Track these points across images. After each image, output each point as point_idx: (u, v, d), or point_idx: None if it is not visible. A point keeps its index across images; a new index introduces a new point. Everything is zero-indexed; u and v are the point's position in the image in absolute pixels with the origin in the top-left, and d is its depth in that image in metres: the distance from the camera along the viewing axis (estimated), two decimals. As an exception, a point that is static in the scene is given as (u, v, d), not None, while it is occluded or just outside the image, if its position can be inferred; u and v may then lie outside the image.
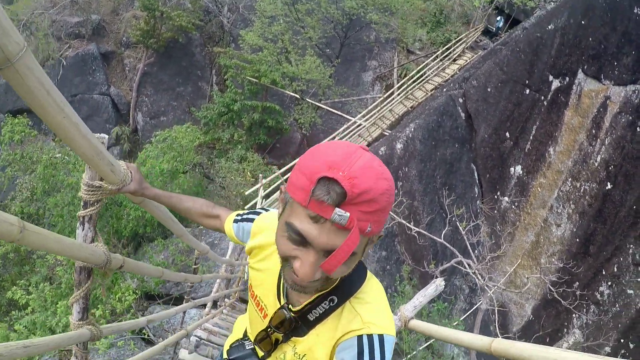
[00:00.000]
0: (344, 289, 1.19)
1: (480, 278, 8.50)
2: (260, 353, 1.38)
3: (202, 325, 5.20)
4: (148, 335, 8.96)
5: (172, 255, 11.42)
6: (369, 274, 1.27)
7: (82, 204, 1.42)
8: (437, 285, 2.66)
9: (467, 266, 8.58)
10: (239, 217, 1.59)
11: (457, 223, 10.03)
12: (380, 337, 1.11)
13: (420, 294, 2.63)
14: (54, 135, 18.61)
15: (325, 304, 1.19)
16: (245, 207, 13.86)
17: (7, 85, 19.25)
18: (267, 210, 1.54)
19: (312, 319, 1.21)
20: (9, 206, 13.08)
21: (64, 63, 18.36)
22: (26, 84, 0.86)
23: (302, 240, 1.00)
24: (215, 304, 7.21)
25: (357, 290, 1.20)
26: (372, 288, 1.24)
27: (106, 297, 9.09)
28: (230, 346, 1.50)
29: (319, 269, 1.01)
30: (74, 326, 1.62)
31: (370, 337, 1.11)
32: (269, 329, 1.29)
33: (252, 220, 1.52)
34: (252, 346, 1.44)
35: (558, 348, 1.24)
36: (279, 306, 1.28)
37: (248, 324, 1.52)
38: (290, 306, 1.25)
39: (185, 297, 4.35)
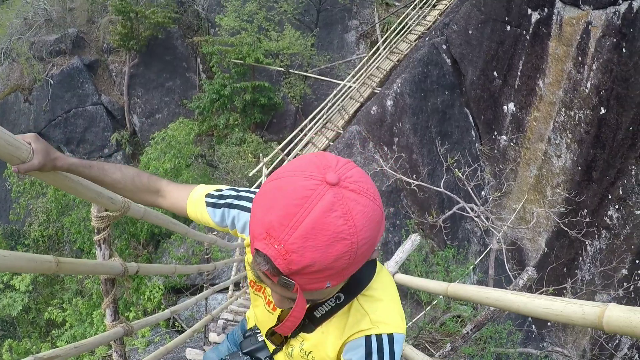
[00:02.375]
0: (350, 286, 1.13)
1: (484, 220, 8.78)
2: (271, 347, 1.37)
3: (228, 307, 5.58)
4: (181, 327, 9.42)
5: (191, 247, 11.83)
6: (379, 266, 1.20)
7: (95, 231, 1.73)
8: (412, 240, 2.97)
9: (469, 211, 8.86)
10: (220, 200, 1.35)
11: (455, 170, 10.27)
12: (390, 336, 1.08)
13: (399, 250, 2.93)
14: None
15: (331, 301, 1.14)
16: (253, 187, 14.19)
17: (3, 116, 19.60)
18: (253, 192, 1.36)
19: (318, 316, 1.17)
20: (28, 232, 13.55)
21: (52, 82, 18.56)
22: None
23: None
24: (237, 286, 7.58)
25: (366, 287, 1.14)
26: (382, 283, 1.18)
27: (135, 298, 9.55)
28: (244, 337, 1.49)
29: (286, 299, 0.97)
30: (109, 326, 1.97)
31: (379, 337, 1.08)
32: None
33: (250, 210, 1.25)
34: (263, 338, 1.42)
35: (499, 289, 1.52)
36: None
37: (255, 317, 1.48)
38: None
39: (204, 285, 4.66)
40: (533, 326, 11.74)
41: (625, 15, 10.02)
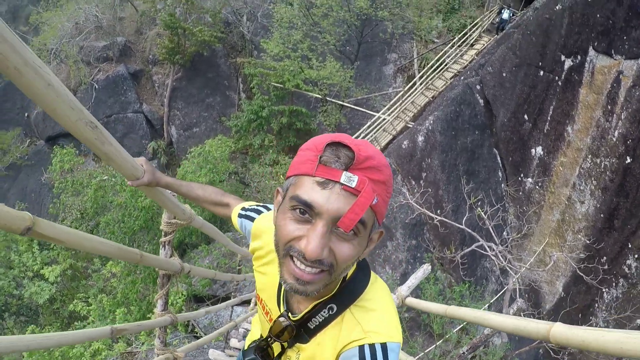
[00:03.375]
0: (343, 297, 1.17)
1: (502, 260, 8.96)
2: (277, 350, 1.33)
3: (248, 319, 5.94)
4: (199, 334, 9.78)
5: (216, 259, 12.24)
6: (373, 277, 1.24)
7: (162, 233, 2.13)
8: (424, 269, 3.30)
9: (487, 249, 9.06)
10: (243, 212, 1.62)
11: (478, 208, 10.48)
12: (383, 345, 1.09)
13: (412, 276, 3.26)
14: (94, 155, 19.75)
15: (324, 312, 1.17)
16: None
17: (45, 114, 20.51)
18: (269, 208, 1.56)
19: (312, 327, 1.19)
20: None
21: (96, 86, 19.45)
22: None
23: (307, 216, 1.00)
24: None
25: (358, 298, 1.17)
26: (376, 293, 1.20)
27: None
28: (248, 346, 1.48)
29: (327, 247, 0.99)
30: (158, 315, 2.35)
31: (372, 346, 1.09)
32: (270, 338, 1.26)
33: (252, 219, 1.53)
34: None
35: (486, 311, 1.85)
36: (279, 313, 1.27)
37: (260, 326, 1.54)
38: (290, 314, 1.23)
39: (233, 293, 5.04)
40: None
41: (656, 66, 10.17)
